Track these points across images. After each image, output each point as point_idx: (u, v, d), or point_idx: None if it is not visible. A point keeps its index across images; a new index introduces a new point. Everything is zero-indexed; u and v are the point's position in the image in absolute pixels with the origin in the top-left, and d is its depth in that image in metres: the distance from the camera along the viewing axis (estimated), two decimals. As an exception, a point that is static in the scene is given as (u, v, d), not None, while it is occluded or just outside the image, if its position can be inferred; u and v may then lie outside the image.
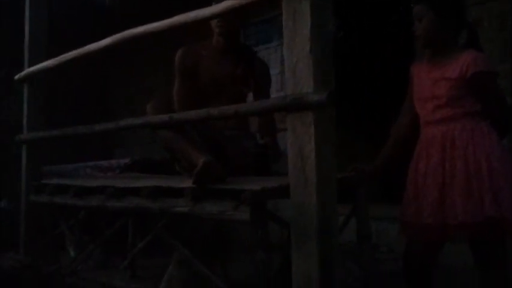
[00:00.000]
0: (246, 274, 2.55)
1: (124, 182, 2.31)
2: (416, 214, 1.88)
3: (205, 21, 2.36)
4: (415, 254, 1.97)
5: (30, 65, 3.01)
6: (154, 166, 3.32)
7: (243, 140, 2.46)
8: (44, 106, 3.09)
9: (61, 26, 5.58)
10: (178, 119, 2.04)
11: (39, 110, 3.06)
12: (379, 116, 4.14)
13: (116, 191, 2.15)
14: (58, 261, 2.81)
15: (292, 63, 1.61)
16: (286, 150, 1.61)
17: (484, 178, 1.76)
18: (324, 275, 1.50)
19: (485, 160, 1.78)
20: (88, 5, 7.15)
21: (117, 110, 6.15)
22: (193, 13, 1.99)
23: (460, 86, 1.86)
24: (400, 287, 2.02)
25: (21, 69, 3.08)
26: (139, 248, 2.69)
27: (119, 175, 3.56)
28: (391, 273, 2.61)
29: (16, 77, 3.08)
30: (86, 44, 2.52)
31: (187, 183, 1.86)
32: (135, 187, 2.05)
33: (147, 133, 2.37)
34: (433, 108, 1.93)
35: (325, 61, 1.60)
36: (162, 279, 2.38)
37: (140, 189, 2.01)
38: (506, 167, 1.80)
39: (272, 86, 4.35)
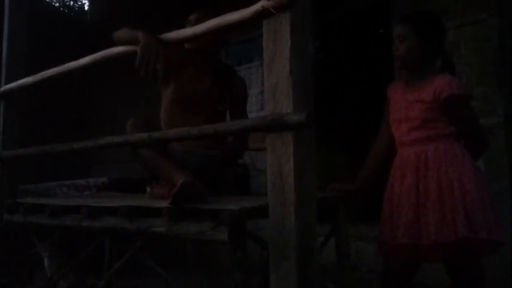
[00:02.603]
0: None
1: (100, 201, 2.27)
2: (391, 234, 1.89)
3: (186, 41, 2.38)
4: (392, 273, 1.98)
5: (7, 82, 2.96)
6: (132, 185, 3.29)
7: (221, 160, 2.45)
8: (21, 123, 3.04)
9: (44, 41, 5.55)
10: (158, 137, 2.02)
11: (16, 127, 3.01)
12: (360, 134, 4.18)
13: (92, 210, 2.11)
14: (32, 281, 2.73)
15: (272, 83, 1.61)
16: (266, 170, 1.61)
17: (456, 199, 1.78)
18: (302, 296, 1.48)
19: (457, 181, 1.81)
20: (71, 20, 7.15)
21: (97, 125, 6.10)
22: (173, 33, 2.00)
23: (434, 109, 1.89)
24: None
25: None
26: (115, 269, 2.63)
27: (95, 194, 3.51)
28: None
29: (-8, 93, 3.03)
30: (69, 59, 2.50)
31: (165, 203, 1.84)
32: (111, 206, 2.02)
33: (126, 151, 2.34)
34: (408, 129, 1.95)
35: (305, 82, 1.61)
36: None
37: (117, 209, 1.97)
38: (479, 187, 1.82)
39: (252, 106, 4.40)
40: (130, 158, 2.32)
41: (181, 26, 2.13)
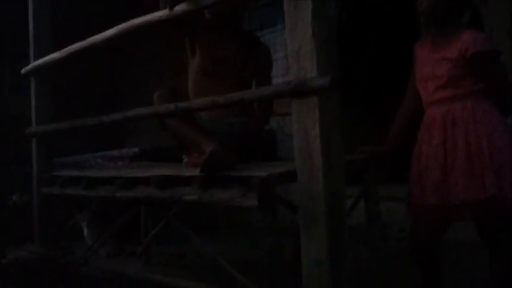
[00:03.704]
0: (257, 257, 2.59)
1: (133, 171, 2.33)
2: (420, 194, 1.88)
3: (207, 8, 2.37)
4: (422, 233, 1.98)
5: (36, 58, 3.02)
6: (163, 154, 3.34)
7: (249, 126, 2.46)
8: (51, 98, 3.11)
9: (70, 15, 5.58)
10: (185, 107, 2.05)
11: (47, 103, 3.09)
12: (387, 95, 4.11)
13: (125, 181, 2.17)
14: (73, 251, 2.85)
15: (295, 48, 1.60)
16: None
17: (485, 156, 1.75)
18: (333, 257, 1.51)
19: (486, 138, 1.77)
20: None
21: (126, 97, 6.18)
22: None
23: (460, 67, 1.84)
24: (411, 264, 2.03)
25: (27, 63, 3.10)
26: (151, 236, 2.72)
27: (129, 164, 3.59)
28: (402, 251, 2.62)
29: (23, 70, 3.10)
30: (94, 33, 2.53)
31: (195, 171, 1.87)
32: (144, 177, 2.07)
33: (156, 121, 2.38)
34: (434, 88, 1.91)
35: (328, 45, 1.59)
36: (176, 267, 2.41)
37: (149, 179, 2.02)
38: (508, 145, 1.78)
39: (277, 71, 4.36)
40: (160, 129, 2.36)
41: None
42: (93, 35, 2.54)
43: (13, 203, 4.06)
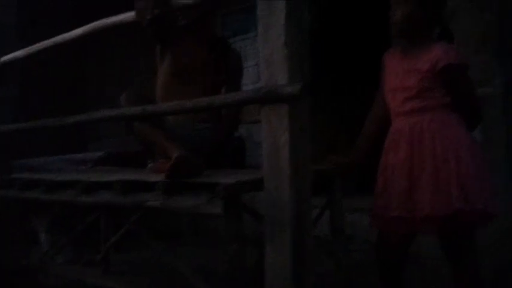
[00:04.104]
0: (220, 266, 2.54)
1: (96, 176, 2.26)
2: (385, 206, 1.87)
3: (179, 10, 2.34)
4: (387, 245, 1.97)
5: (-1, 56, 2.92)
6: (128, 159, 3.27)
7: (217, 132, 2.43)
8: (15, 98, 3.01)
9: (38, 12, 5.45)
10: (152, 111, 2.00)
11: (10, 102, 2.98)
12: (357, 104, 4.15)
13: (87, 185, 2.10)
14: (28, 257, 2.74)
15: (267, 54, 1.58)
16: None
17: (451, 170, 1.76)
18: (297, 268, 1.49)
19: (453, 152, 1.78)
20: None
21: (93, 100, 6.05)
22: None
23: (430, 78, 1.85)
24: (375, 276, 2.03)
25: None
26: (111, 243, 2.64)
27: (91, 169, 3.50)
28: (366, 263, 2.62)
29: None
30: (65, 30, 2.46)
31: (160, 177, 1.83)
32: (107, 181, 2.01)
33: (123, 125, 2.33)
34: (403, 99, 1.91)
35: (300, 52, 1.58)
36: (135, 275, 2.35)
37: (112, 184, 1.96)
38: (474, 158, 1.80)
39: (249, 78, 4.35)
40: (126, 132, 2.30)
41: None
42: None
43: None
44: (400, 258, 1.98)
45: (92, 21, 2.31)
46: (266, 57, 1.58)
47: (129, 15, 2.10)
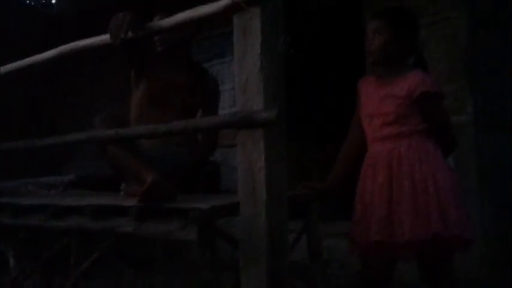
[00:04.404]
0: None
1: (66, 200, 2.20)
2: (364, 232, 1.87)
3: (154, 35, 2.34)
4: (370, 271, 1.97)
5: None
6: (100, 183, 3.21)
7: (191, 157, 2.41)
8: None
9: (8, 35, 5.39)
10: (125, 134, 1.97)
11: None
12: (333, 130, 4.19)
13: (57, 209, 2.04)
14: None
15: (243, 79, 1.58)
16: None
17: (430, 196, 1.78)
18: (273, 295, 1.46)
19: (431, 178, 1.80)
20: (38, 14, 6.95)
21: (66, 121, 5.96)
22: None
23: (408, 105, 1.89)
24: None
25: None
26: (82, 269, 2.56)
27: (62, 193, 3.41)
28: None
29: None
30: (36, 53, 2.41)
31: (132, 202, 1.78)
32: (77, 206, 1.96)
33: (96, 148, 2.28)
34: (380, 125, 1.94)
35: (276, 78, 1.58)
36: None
37: (83, 208, 1.91)
38: (452, 185, 1.83)
39: (225, 102, 4.35)
40: (99, 155, 2.25)
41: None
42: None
43: None
44: (384, 283, 1.98)
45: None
46: (242, 82, 1.58)
47: (102, 38, 2.08)
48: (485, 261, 3.01)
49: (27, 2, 9.09)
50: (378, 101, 1.95)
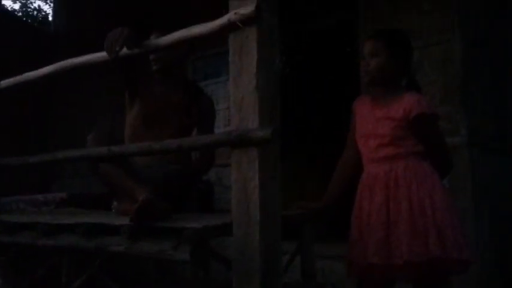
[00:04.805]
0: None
1: (57, 218, 2.17)
2: (361, 254, 1.86)
3: (149, 53, 2.34)
4: None
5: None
6: (92, 201, 3.18)
7: (185, 175, 2.39)
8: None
9: (5, 52, 5.40)
10: (118, 152, 1.95)
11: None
12: (327, 150, 4.20)
13: (48, 227, 2.01)
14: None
15: (238, 98, 1.58)
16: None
17: (428, 217, 1.78)
18: (266, 317, 1.43)
19: (428, 199, 1.80)
20: (34, 32, 6.99)
21: (60, 139, 5.93)
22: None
23: (403, 126, 1.89)
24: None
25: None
26: (73, 289, 2.51)
27: (53, 210, 3.38)
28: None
29: None
30: (31, 70, 2.40)
31: (125, 220, 1.76)
32: (69, 224, 1.93)
33: (88, 165, 2.27)
34: (376, 146, 1.94)
35: (272, 97, 1.59)
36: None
37: (75, 227, 1.88)
38: (448, 206, 1.83)
39: (220, 121, 4.35)
40: (90, 173, 2.23)
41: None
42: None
43: None
44: None
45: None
46: (237, 101, 1.58)
47: (98, 56, 2.08)
48: (482, 282, 2.99)
49: (24, 19, 9.16)
50: (374, 122, 1.96)
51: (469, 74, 3.29)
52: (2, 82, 2.53)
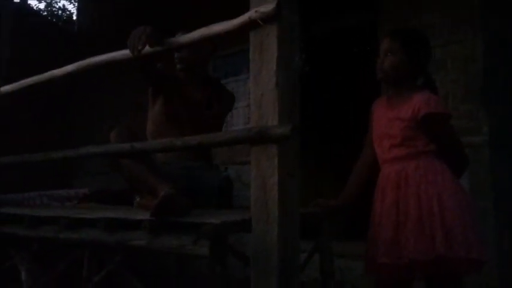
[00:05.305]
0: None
1: (80, 212, 2.21)
2: (375, 253, 1.87)
3: (175, 50, 2.37)
4: None
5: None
6: (113, 197, 3.22)
7: (205, 172, 2.41)
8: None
9: (30, 50, 5.50)
10: (141, 148, 1.98)
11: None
12: (346, 148, 4.18)
13: (70, 222, 2.05)
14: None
15: (258, 95, 1.59)
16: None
17: (435, 217, 1.77)
18: (284, 313, 1.44)
19: (437, 198, 1.79)
20: (58, 30, 7.10)
21: (80, 136, 6.02)
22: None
23: (413, 126, 1.89)
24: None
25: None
26: (94, 283, 2.56)
27: (76, 205, 3.43)
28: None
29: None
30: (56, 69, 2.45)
31: (146, 215, 1.79)
32: (91, 218, 1.97)
33: (108, 162, 2.30)
34: (389, 146, 1.94)
35: (291, 94, 1.59)
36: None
37: (96, 221, 1.92)
38: (459, 205, 1.81)
39: (240, 119, 4.37)
40: (111, 169, 2.27)
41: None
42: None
43: None
44: None
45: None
46: (257, 98, 1.59)
47: (121, 53, 2.11)
48: (503, 283, 2.95)
49: (49, 18, 9.32)
50: (387, 123, 1.96)
51: (490, 73, 3.25)
52: (26, 80, 2.59)
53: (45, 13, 9.94)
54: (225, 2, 3.34)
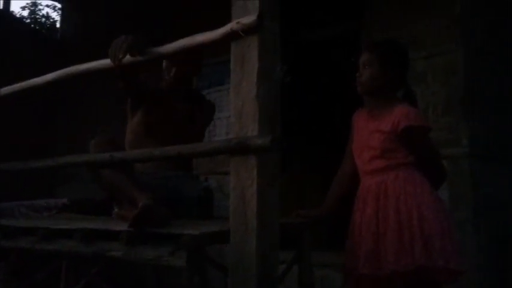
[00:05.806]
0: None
1: (57, 223, 2.18)
2: (354, 265, 1.87)
3: (161, 59, 2.36)
4: None
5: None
6: (94, 207, 3.18)
7: (185, 182, 2.40)
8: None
9: (13, 58, 5.45)
10: (120, 158, 1.96)
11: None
12: (328, 158, 4.19)
13: (47, 232, 2.01)
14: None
15: (238, 106, 1.60)
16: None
17: (414, 227, 1.79)
18: (262, 326, 1.43)
19: (416, 209, 1.81)
20: (41, 38, 7.04)
21: (61, 146, 5.95)
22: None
23: (393, 139, 1.91)
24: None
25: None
26: (71, 294, 2.52)
27: (55, 216, 3.38)
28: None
29: None
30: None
31: (123, 226, 1.77)
32: (68, 229, 1.93)
33: (88, 171, 2.27)
34: (369, 158, 1.96)
35: (272, 105, 1.60)
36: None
37: (73, 232, 1.89)
38: (437, 216, 1.83)
39: (222, 129, 4.36)
40: (90, 179, 2.24)
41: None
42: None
43: None
44: None
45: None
46: (237, 108, 1.59)
47: (102, 63, 2.09)
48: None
49: (32, 26, 9.23)
50: (367, 134, 1.98)
51: (471, 85, 3.30)
52: (6, 88, 2.55)
53: (29, 20, 9.84)
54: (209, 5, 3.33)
